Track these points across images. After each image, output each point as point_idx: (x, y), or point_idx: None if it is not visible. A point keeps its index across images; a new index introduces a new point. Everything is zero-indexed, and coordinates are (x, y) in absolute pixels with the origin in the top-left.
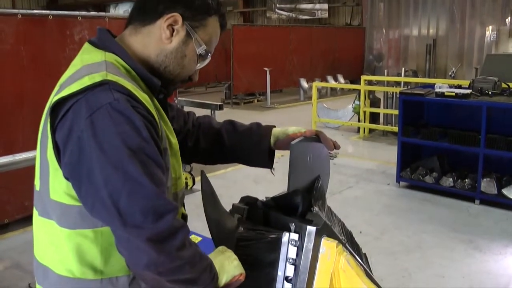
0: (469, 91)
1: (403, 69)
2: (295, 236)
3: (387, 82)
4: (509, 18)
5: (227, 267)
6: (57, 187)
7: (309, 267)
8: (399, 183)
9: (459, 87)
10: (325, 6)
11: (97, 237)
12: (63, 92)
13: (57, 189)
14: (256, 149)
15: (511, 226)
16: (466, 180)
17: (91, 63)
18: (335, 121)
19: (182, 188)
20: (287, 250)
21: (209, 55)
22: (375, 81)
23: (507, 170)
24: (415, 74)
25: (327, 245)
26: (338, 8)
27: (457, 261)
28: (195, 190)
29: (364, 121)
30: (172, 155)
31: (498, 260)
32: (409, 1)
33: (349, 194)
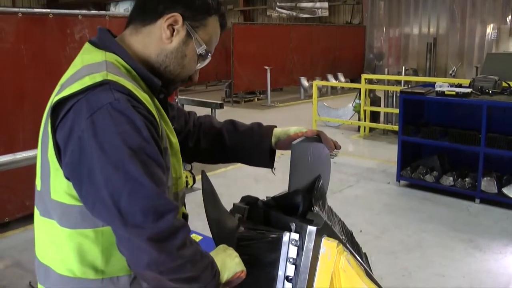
0: (469, 90)
1: (403, 67)
2: (295, 236)
3: (388, 81)
4: (509, 17)
5: (228, 264)
6: (57, 187)
7: (309, 266)
8: (399, 182)
9: (459, 86)
10: (326, 4)
11: (98, 237)
12: (63, 92)
13: (58, 189)
14: (257, 149)
15: (511, 225)
16: (467, 179)
17: (91, 63)
18: (336, 119)
19: (183, 188)
20: (287, 250)
21: (209, 55)
22: (375, 80)
23: (507, 169)
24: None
25: (328, 245)
26: (339, 7)
27: (457, 260)
28: (195, 189)
29: (365, 120)
30: (172, 155)
31: (498, 259)
32: None
33: (349, 193)
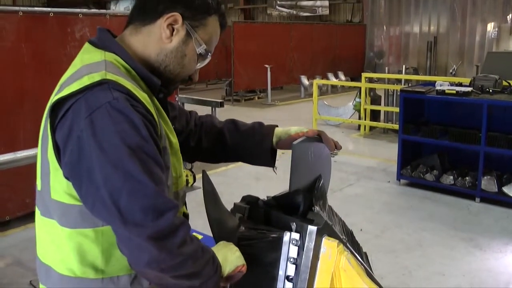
0: (470, 89)
1: (404, 66)
2: (296, 236)
3: (388, 80)
4: (510, 15)
5: (230, 258)
6: (57, 187)
7: (310, 266)
8: (399, 180)
9: (460, 85)
10: (326, 3)
11: (97, 236)
12: (62, 92)
13: (58, 189)
14: (259, 149)
15: (511, 224)
16: (467, 178)
17: (90, 62)
18: (336, 118)
19: (183, 187)
20: (288, 250)
21: (209, 54)
22: (376, 79)
23: (507, 168)
24: (415, 71)
25: (328, 245)
26: (339, 5)
27: (457, 259)
28: (195, 187)
29: (365, 118)
30: (172, 154)
31: (499, 258)
32: None
33: (349, 191)
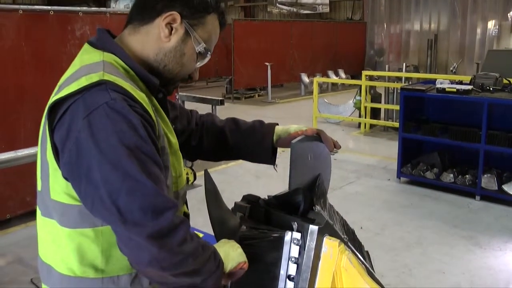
0: (470, 87)
1: (404, 64)
2: (297, 235)
3: (388, 78)
4: (511, 13)
5: (231, 254)
6: (57, 187)
7: (311, 266)
8: (399, 178)
9: (460, 83)
10: (326, 0)
11: (97, 236)
12: (61, 92)
13: (57, 189)
14: (259, 147)
15: (511, 222)
16: (467, 176)
17: (89, 63)
18: (336, 116)
19: (183, 186)
20: (289, 249)
21: (208, 53)
22: (376, 77)
23: (507, 166)
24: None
25: (329, 244)
26: (339, 3)
27: (457, 257)
28: (196, 185)
29: (365, 116)
30: (171, 154)
31: (498, 256)
32: None
33: (349, 189)
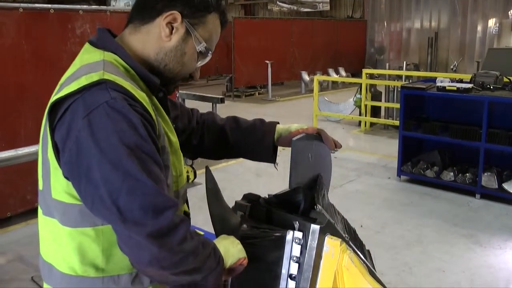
0: (470, 85)
1: (404, 62)
2: (299, 235)
3: (389, 76)
4: (511, 11)
5: (231, 250)
6: (58, 186)
7: (312, 265)
8: (400, 177)
9: (460, 81)
10: None
11: (98, 235)
12: (61, 92)
13: (58, 189)
14: (260, 146)
15: (511, 221)
16: (467, 174)
17: (90, 62)
18: (336, 114)
19: (184, 186)
20: (291, 248)
21: (209, 52)
22: (376, 75)
23: (507, 164)
24: (416, 67)
25: (331, 243)
26: (340, 1)
27: (457, 256)
28: (196, 183)
29: (365, 114)
30: (172, 153)
31: (498, 255)
32: None
33: (350, 188)
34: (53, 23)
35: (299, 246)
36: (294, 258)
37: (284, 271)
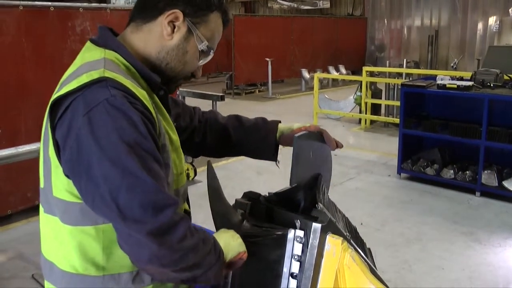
0: (471, 83)
1: (405, 60)
2: (300, 233)
3: (389, 73)
4: None
5: (231, 243)
6: (58, 184)
7: (314, 263)
8: (400, 174)
9: (461, 79)
10: None
11: (98, 234)
12: (62, 90)
13: (59, 187)
14: (263, 144)
15: (511, 218)
16: (467, 172)
17: (90, 60)
18: (337, 112)
19: (184, 184)
20: (292, 247)
21: (211, 51)
22: (376, 72)
23: (508, 162)
24: (416, 65)
25: (332, 242)
26: None
27: (457, 253)
28: (196, 181)
29: (366, 112)
30: (172, 151)
31: (498, 252)
32: None
33: (350, 185)
34: (53, 21)
35: (301, 245)
36: (296, 257)
37: (285, 269)
